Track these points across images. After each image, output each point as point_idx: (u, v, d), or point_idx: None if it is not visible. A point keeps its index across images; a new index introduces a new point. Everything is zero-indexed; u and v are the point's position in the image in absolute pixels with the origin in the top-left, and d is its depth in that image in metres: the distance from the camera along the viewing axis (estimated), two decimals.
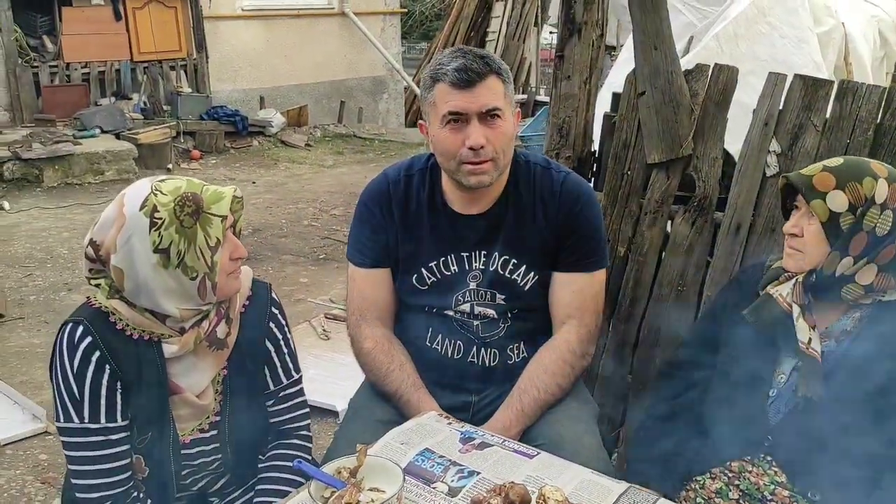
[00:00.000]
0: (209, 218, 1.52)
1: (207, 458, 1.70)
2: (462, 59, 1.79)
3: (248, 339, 1.71)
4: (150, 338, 1.58)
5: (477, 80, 1.77)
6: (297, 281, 5.60)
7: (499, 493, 1.42)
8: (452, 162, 1.83)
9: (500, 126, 1.82)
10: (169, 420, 1.62)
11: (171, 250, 1.50)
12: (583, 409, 1.97)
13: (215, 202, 1.54)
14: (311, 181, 8.97)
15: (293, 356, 1.81)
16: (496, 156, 1.82)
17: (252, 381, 1.73)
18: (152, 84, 10.14)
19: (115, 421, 1.56)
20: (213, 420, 1.68)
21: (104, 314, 1.57)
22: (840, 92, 2.25)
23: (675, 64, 2.42)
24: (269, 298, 1.76)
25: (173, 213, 1.49)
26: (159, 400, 1.60)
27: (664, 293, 2.52)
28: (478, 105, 1.78)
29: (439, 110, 1.81)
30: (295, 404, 1.81)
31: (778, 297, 1.68)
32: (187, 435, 1.65)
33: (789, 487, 1.63)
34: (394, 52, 13.25)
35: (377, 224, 1.99)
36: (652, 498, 1.51)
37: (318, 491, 1.46)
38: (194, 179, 1.58)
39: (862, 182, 1.57)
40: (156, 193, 1.50)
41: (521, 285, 1.95)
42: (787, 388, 1.68)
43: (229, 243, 1.58)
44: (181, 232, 1.50)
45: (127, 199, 1.52)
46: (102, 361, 1.54)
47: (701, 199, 2.45)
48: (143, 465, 1.62)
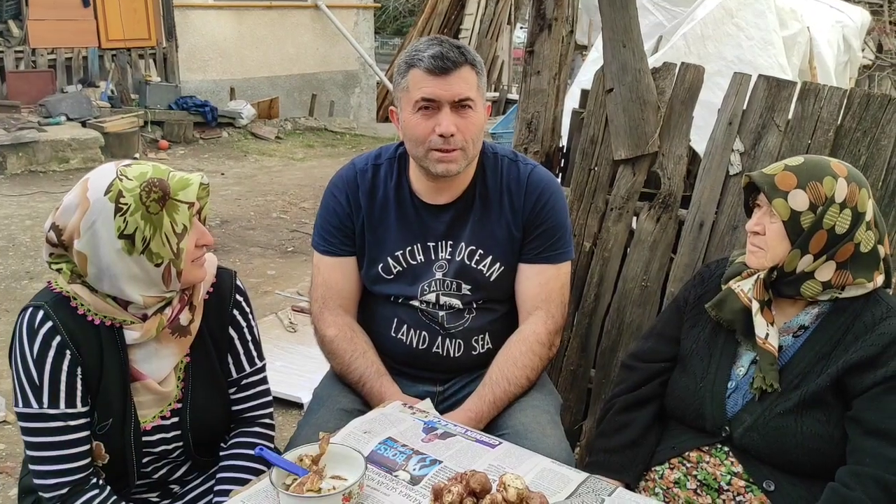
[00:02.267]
0: (176, 204, 1.51)
1: (168, 445, 1.68)
2: (438, 46, 1.80)
3: (210, 326, 1.70)
4: (112, 323, 1.56)
5: (452, 68, 1.78)
6: (264, 273, 5.56)
7: (460, 480, 1.43)
8: (421, 148, 1.84)
9: (472, 116, 1.83)
10: (130, 407, 1.60)
11: (136, 236, 1.48)
12: (546, 400, 1.99)
13: (182, 188, 1.52)
14: (281, 174, 8.92)
15: (257, 344, 1.80)
16: (465, 145, 1.83)
17: (214, 369, 1.72)
18: (120, 72, 10.00)
19: (75, 407, 1.54)
20: (174, 407, 1.67)
21: (65, 299, 1.55)
22: (802, 93, 2.30)
23: (643, 62, 2.45)
24: (233, 286, 1.75)
25: (139, 198, 1.47)
26: (121, 386, 1.58)
27: (628, 288, 2.55)
28: (451, 93, 1.79)
29: (412, 96, 1.81)
30: (258, 392, 1.80)
31: (739, 292, 1.71)
32: (149, 422, 1.63)
33: (745, 477, 1.66)
34: (367, 47, 13.22)
35: (343, 213, 1.99)
36: (611, 487, 1.53)
37: (279, 478, 1.46)
38: (160, 165, 1.56)
39: (822, 181, 1.60)
40: (121, 178, 1.48)
41: (487, 276, 1.96)
42: (746, 380, 1.71)
43: (195, 230, 1.57)
44: (147, 218, 1.48)
45: (91, 183, 1.49)
46: (63, 347, 1.52)
47: (666, 196, 2.48)
48: (102, 452, 1.61)
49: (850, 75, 5.81)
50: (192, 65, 10.99)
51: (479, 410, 1.89)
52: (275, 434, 1.85)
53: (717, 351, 1.77)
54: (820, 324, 1.67)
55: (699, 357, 1.79)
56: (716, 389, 1.73)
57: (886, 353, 1.56)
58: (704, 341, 1.80)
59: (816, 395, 1.61)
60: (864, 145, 2.23)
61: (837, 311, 1.66)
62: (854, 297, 1.65)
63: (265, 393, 1.82)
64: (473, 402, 1.92)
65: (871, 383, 1.56)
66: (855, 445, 1.56)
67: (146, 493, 1.75)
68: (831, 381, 1.60)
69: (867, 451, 1.53)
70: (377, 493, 1.48)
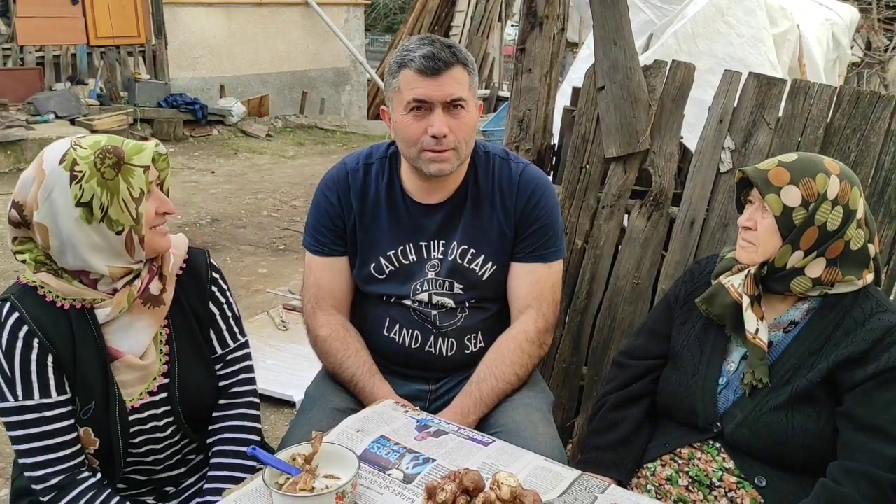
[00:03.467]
0: (131, 169, 1.50)
1: (160, 421, 1.67)
2: (430, 46, 1.78)
3: (191, 301, 1.70)
4: (83, 306, 1.55)
5: (443, 68, 1.77)
6: (255, 271, 5.55)
7: (453, 479, 1.43)
8: (413, 149, 1.83)
9: (464, 116, 1.82)
10: (112, 387, 1.59)
11: (93, 203, 1.47)
12: (539, 398, 1.99)
13: (136, 153, 1.51)
14: (272, 172, 8.90)
15: (237, 320, 1.80)
16: (458, 145, 1.83)
17: (197, 341, 1.72)
18: (109, 70, 9.95)
19: (50, 396, 1.53)
20: (161, 382, 1.66)
21: (32, 289, 1.55)
22: (792, 91, 2.31)
23: (634, 60, 2.46)
24: (207, 263, 1.76)
25: (93, 165, 1.47)
26: (100, 367, 1.57)
27: (620, 285, 2.56)
28: (443, 94, 1.78)
29: (404, 96, 1.81)
30: (242, 367, 1.80)
31: (730, 286, 1.72)
32: (136, 399, 1.63)
33: (737, 473, 1.67)
34: (357, 44, 13.20)
35: (335, 212, 1.98)
36: (603, 485, 1.54)
37: (272, 477, 1.46)
38: (116, 136, 1.56)
39: (815, 178, 1.61)
40: (75, 148, 1.48)
41: (480, 275, 1.96)
42: (736, 376, 1.72)
43: (155, 198, 1.57)
44: (103, 184, 1.47)
45: (46, 155, 1.49)
46: (30, 337, 1.52)
47: (657, 194, 2.49)
48: (91, 437, 1.59)
49: (839, 73, 5.84)
50: (181, 62, 10.95)
51: (464, 406, 1.90)
52: (259, 413, 1.84)
53: (708, 347, 1.77)
54: (810, 319, 1.68)
55: (690, 354, 1.79)
56: (707, 386, 1.73)
57: (876, 349, 1.57)
58: (695, 338, 1.80)
59: (807, 390, 1.61)
60: (854, 143, 2.24)
61: (827, 306, 1.67)
62: (844, 294, 1.66)
63: (249, 369, 1.82)
64: (460, 398, 1.92)
65: (861, 378, 1.57)
66: (846, 441, 1.57)
67: (143, 496, 1.75)
68: (822, 376, 1.61)
69: (858, 447, 1.54)
70: (370, 491, 1.48)
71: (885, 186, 2.23)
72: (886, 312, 1.62)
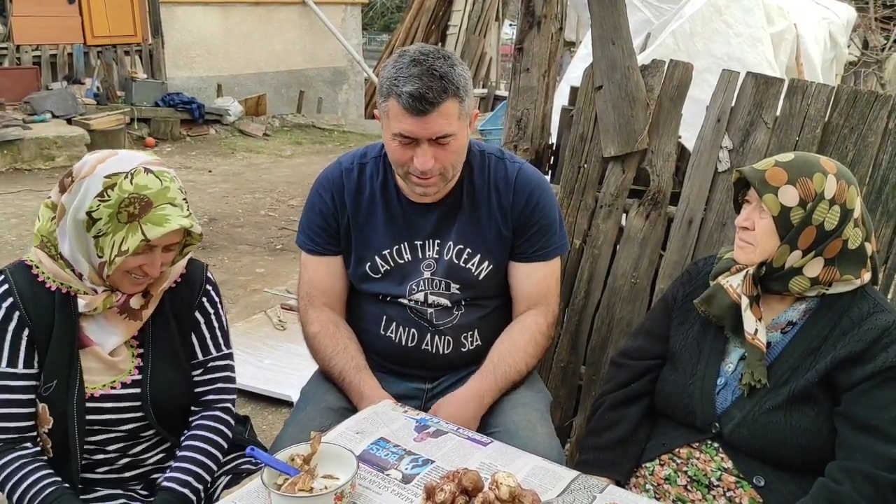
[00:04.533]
0: (136, 228, 1.57)
1: (122, 414, 1.71)
2: (418, 81, 1.70)
3: (176, 306, 1.77)
4: (68, 291, 1.65)
5: (430, 109, 1.71)
6: (253, 271, 5.54)
7: (452, 479, 1.43)
8: (400, 170, 1.86)
9: (451, 145, 1.79)
10: (76, 370, 1.65)
11: (98, 223, 1.57)
12: (537, 398, 1.99)
13: (155, 223, 1.58)
14: (269, 171, 8.89)
15: (224, 333, 1.86)
16: (444, 171, 1.83)
17: (175, 347, 1.76)
18: (106, 69, 9.93)
19: (16, 367, 1.62)
20: (135, 378, 1.71)
21: (28, 267, 1.66)
22: (790, 90, 2.31)
23: (632, 59, 2.46)
24: (203, 277, 1.82)
25: (119, 201, 1.56)
26: (68, 350, 1.65)
27: (618, 285, 2.56)
28: (429, 133, 1.75)
29: (391, 125, 1.78)
30: (221, 377, 1.84)
31: (728, 287, 1.72)
32: (98, 389, 1.68)
33: (735, 473, 1.67)
34: (354, 43, 13.19)
35: (328, 212, 1.98)
36: (602, 484, 1.54)
37: (271, 478, 1.46)
38: (174, 185, 1.62)
39: (812, 178, 1.61)
40: (127, 177, 1.57)
41: (476, 275, 1.96)
42: (735, 376, 1.72)
43: (148, 257, 1.62)
44: (112, 217, 1.57)
45: (110, 161, 1.59)
46: (12, 309, 1.62)
47: (655, 193, 2.49)
48: (47, 416, 1.65)
49: (836, 72, 5.83)
50: (178, 61, 10.94)
51: (480, 388, 1.90)
52: (232, 420, 1.86)
53: (706, 348, 1.77)
54: (808, 319, 1.68)
55: (688, 354, 1.79)
56: (705, 386, 1.73)
57: (874, 348, 1.57)
58: (693, 338, 1.81)
59: (805, 390, 1.61)
60: (852, 142, 2.24)
61: (825, 306, 1.67)
62: (841, 293, 1.66)
63: (229, 380, 1.86)
64: (476, 381, 1.92)
65: (859, 378, 1.57)
66: (844, 440, 1.57)
67: (131, 485, 1.78)
68: (820, 376, 1.61)
69: (856, 447, 1.54)
70: (369, 492, 1.48)
71: (883, 185, 2.23)
72: (884, 312, 1.62)
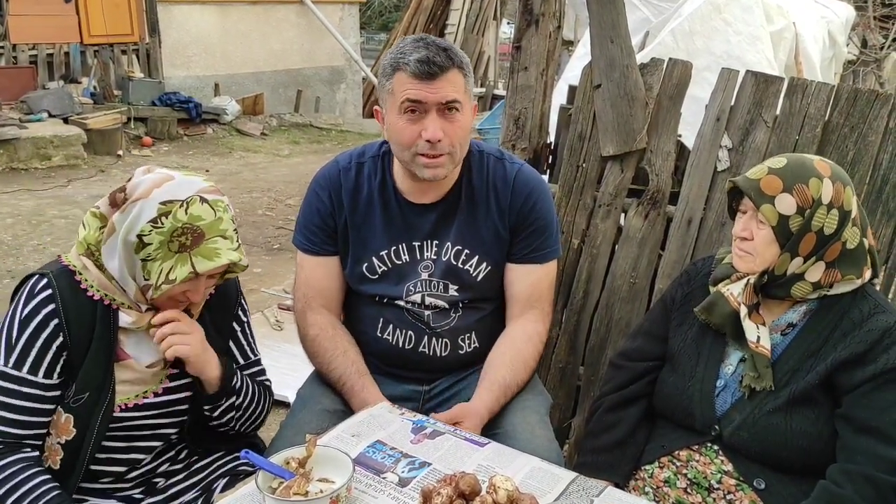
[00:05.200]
0: (186, 260, 1.56)
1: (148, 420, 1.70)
2: (425, 50, 1.75)
3: (214, 318, 1.77)
4: (111, 304, 1.61)
5: (438, 72, 1.74)
6: (250, 271, 5.50)
7: (449, 483, 1.41)
8: (407, 153, 1.81)
9: (459, 120, 1.79)
10: (109, 384, 1.63)
11: (147, 247, 1.55)
12: (536, 401, 1.97)
13: (205, 256, 1.57)
14: (267, 170, 8.87)
15: (253, 340, 1.91)
16: (452, 150, 1.80)
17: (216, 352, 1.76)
18: (103, 68, 9.90)
19: (36, 376, 1.57)
20: (166, 387, 1.70)
21: (71, 272, 1.61)
22: (790, 89, 2.29)
23: (630, 58, 2.44)
24: (238, 287, 1.85)
25: (172, 230, 1.54)
26: (105, 364, 1.62)
27: (617, 285, 2.54)
28: (438, 97, 1.75)
29: (397, 98, 1.78)
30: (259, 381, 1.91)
31: (729, 295, 1.69)
32: (132, 399, 1.66)
33: (735, 476, 1.65)
34: (352, 42, 13.16)
35: (326, 211, 1.96)
36: (600, 486, 1.52)
37: (265, 481, 1.44)
38: (226, 216, 1.60)
39: (808, 183, 1.58)
40: (183, 205, 1.55)
41: (474, 276, 1.94)
42: (734, 378, 1.70)
43: (196, 285, 1.61)
44: (163, 245, 1.55)
45: (167, 186, 1.56)
46: (50, 317, 1.57)
47: (654, 193, 2.47)
48: (70, 427, 1.61)
49: (835, 71, 5.83)
50: (175, 61, 10.90)
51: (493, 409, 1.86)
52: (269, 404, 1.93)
53: (706, 349, 1.76)
54: (808, 321, 1.66)
55: (687, 356, 1.78)
56: (704, 388, 1.72)
57: (875, 350, 1.56)
58: (692, 340, 1.79)
59: (805, 392, 1.60)
60: (852, 141, 2.23)
61: (825, 308, 1.65)
62: (842, 294, 1.64)
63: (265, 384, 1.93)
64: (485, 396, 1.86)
65: (860, 380, 1.56)
66: (845, 443, 1.56)
67: (129, 490, 1.74)
68: (820, 378, 1.59)
69: (858, 449, 1.53)
70: (365, 495, 1.47)
71: (884, 185, 2.21)
72: (884, 313, 1.61)
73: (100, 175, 7.99)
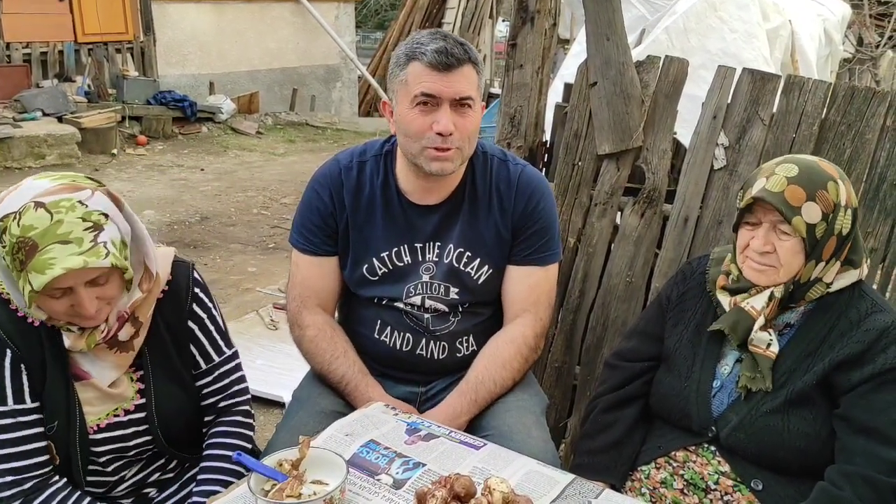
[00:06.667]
0: (26, 278, 1.40)
1: (128, 441, 1.64)
2: (442, 41, 1.73)
3: (168, 321, 1.66)
4: (52, 325, 1.51)
5: (455, 64, 1.73)
6: (245, 270, 5.50)
7: (444, 484, 1.39)
8: (416, 145, 1.78)
9: (470, 116, 1.78)
10: (75, 406, 1.56)
11: (7, 268, 1.43)
12: (532, 401, 1.95)
13: (38, 271, 1.37)
14: (262, 169, 8.84)
15: (223, 333, 1.76)
16: (462, 145, 1.78)
17: (173, 363, 1.67)
18: (97, 66, 9.86)
19: (24, 403, 1.51)
20: (137, 403, 1.63)
21: (5, 301, 1.50)
22: (787, 86, 2.28)
23: (626, 55, 2.42)
24: (189, 279, 1.69)
25: (11, 247, 1.38)
26: (64, 386, 1.55)
27: (613, 284, 2.53)
28: (453, 91, 1.74)
29: (411, 89, 1.75)
30: (230, 381, 1.77)
31: (751, 309, 1.64)
32: (103, 419, 1.60)
33: (732, 477, 1.64)
34: (348, 41, 13.13)
35: (327, 211, 1.92)
36: (597, 489, 1.51)
37: (258, 484, 1.43)
38: (70, 216, 1.39)
39: (827, 188, 1.56)
40: (16, 217, 1.38)
41: (475, 279, 1.92)
42: (731, 379, 1.69)
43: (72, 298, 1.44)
44: (13, 265, 1.41)
45: (10, 196, 1.41)
46: (3, 345, 1.48)
47: (650, 191, 2.46)
48: (54, 453, 1.57)
49: (831, 68, 5.82)
50: (170, 59, 10.87)
51: (458, 407, 1.86)
52: (253, 422, 1.82)
53: (701, 350, 1.74)
54: (806, 321, 1.65)
55: (683, 356, 1.76)
56: (701, 389, 1.70)
57: (873, 350, 1.55)
58: (688, 340, 1.77)
59: (803, 393, 1.59)
60: (849, 139, 2.22)
61: (823, 308, 1.63)
62: (840, 293, 1.63)
63: (240, 381, 1.80)
64: (454, 398, 1.88)
65: (858, 381, 1.54)
66: (843, 444, 1.54)
67: (122, 500, 1.71)
68: (818, 378, 1.58)
69: (856, 450, 1.51)
70: (359, 497, 1.45)
71: (881, 183, 2.20)
72: (882, 312, 1.59)
73: (94, 174, 7.94)
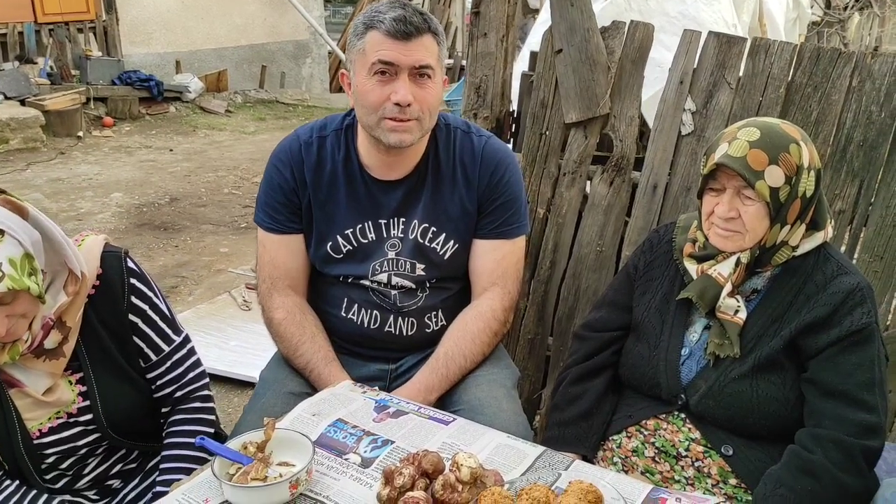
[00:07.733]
0: None
1: (76, 441, 1.60)
2: (401, 10, 1.70)
3: (103, 320, 1.59)
4: None
5: (414, 34, 1.69)
6: (216, 251, 5.43)
7: (412, 462, 1.38)
8: (374, 116, 1.74)
9: (430, 87, 1.74)
10: (11, 416, 1.51)
11: None
12: (503, 374, 1.94)
13: None
14: (232, 148, 8.72)
15: (169, 321, 1.69)
16: (421, 116, 1.74)
17: (114, 359, 1.61)
18: (59, 47, 9.62)
19: None
20: (80, 406, 1.58)
21: None
22: (753, 49, 2.26)
23: (591, 21, 2.39)
24: (123, 270, 1.61)
25: None
26: None
27: (584, 253, 2.51)
28: (411, 59, 1.70)
29: (368, 58, 1.71)
30: (185, 368, 1.72)
31: (717, 276, 1.64)
32: (45, 423, 1.55)
33: (703, 443, 1.63)
34: (317, 16, 12.91)
35: (289, 188, 1.88)
36: (567, 461, 1.50)
37: (222, 468, 1.40)
38: None
39: (790, 151, 1.54)
40: None
41: (441, 254, 1.89)
42: (699, 346, 1.68)
43: None
44: None
45: None
46: None
47: (619, 159, 2.43)
48: (2, 461, 1.54)
49: (799, 32, 5.81)
50: (134, 38, 10.62)
51: (429, 383, 1.85)
52: (214, 406, 1.79)
53: (670, 318, 1.73)
54: (772, 286, 1.64)
55: (651, 325, 1.75)
56: (669, 357, 1.69)
57: (839, 312, 1.54)
58: (656, 308, 1.76)
59: (771, 357, 1.58)
60: (816, 101, 2.21)
61: (789, 272, 1.63)
62: (805, 256, 1.62)
63: (194, 366, 1.75)
64: (424, 374, 1.86)
65: (825, 344, 1.54)
66: (813, 407, 1.54)
67: (86, 492, 1.68)
68: (785, 343, 1.57)
69: (825, 413, 1.51)
70: (326, 477, 1.43)
71: (847, 144, 2.19)
72: (847, 274, 1.59)
73: (60, 158, 7.80)
